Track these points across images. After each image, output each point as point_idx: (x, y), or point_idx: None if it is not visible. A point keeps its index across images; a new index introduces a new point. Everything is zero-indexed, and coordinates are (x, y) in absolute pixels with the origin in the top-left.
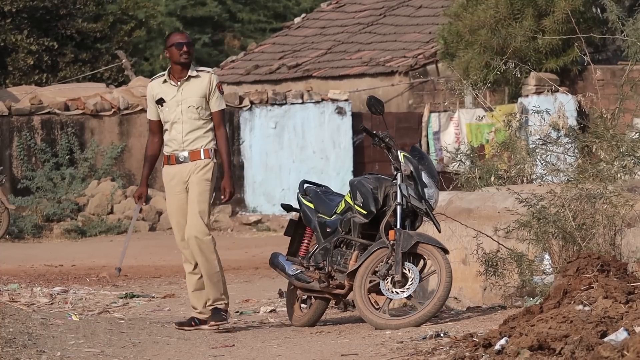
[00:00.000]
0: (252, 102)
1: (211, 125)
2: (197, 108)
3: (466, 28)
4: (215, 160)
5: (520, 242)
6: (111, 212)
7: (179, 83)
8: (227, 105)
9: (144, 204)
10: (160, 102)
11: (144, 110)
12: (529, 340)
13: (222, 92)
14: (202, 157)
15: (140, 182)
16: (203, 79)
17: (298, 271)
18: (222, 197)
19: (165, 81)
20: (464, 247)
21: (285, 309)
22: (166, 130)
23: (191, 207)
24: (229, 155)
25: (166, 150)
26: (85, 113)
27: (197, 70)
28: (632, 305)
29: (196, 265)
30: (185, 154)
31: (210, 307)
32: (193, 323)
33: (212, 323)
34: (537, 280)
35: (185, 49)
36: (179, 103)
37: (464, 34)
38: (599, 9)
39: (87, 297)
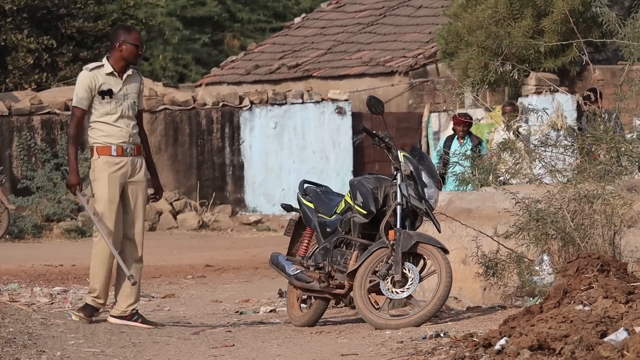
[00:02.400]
0: (252, 102)
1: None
2: (135, 104)
3: (465, 28)
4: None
5: (520, 245)
6: None
7: (123, 77)
8: (227, 105)
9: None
10: (107, 93)
11: (143, 110)
12: (529, 340)
13: None
14: (141, 153)
15: (73, 170)
16: (136, 77)
17: (298, 271)
18: (157, 197)
19: (111, 73)
20: (464, 247)
21: (285, 309)
22: (104, 122)
23: (139, 211)
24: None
25: (109, 141)
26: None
27: (130, 67)
28: (632, 305)
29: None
30: (132, 147)
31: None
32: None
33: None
34: (536, 280)
35: (141, 52)
36: (126, 97)
37: (463, 34)
38: (598, 9)
39: None
